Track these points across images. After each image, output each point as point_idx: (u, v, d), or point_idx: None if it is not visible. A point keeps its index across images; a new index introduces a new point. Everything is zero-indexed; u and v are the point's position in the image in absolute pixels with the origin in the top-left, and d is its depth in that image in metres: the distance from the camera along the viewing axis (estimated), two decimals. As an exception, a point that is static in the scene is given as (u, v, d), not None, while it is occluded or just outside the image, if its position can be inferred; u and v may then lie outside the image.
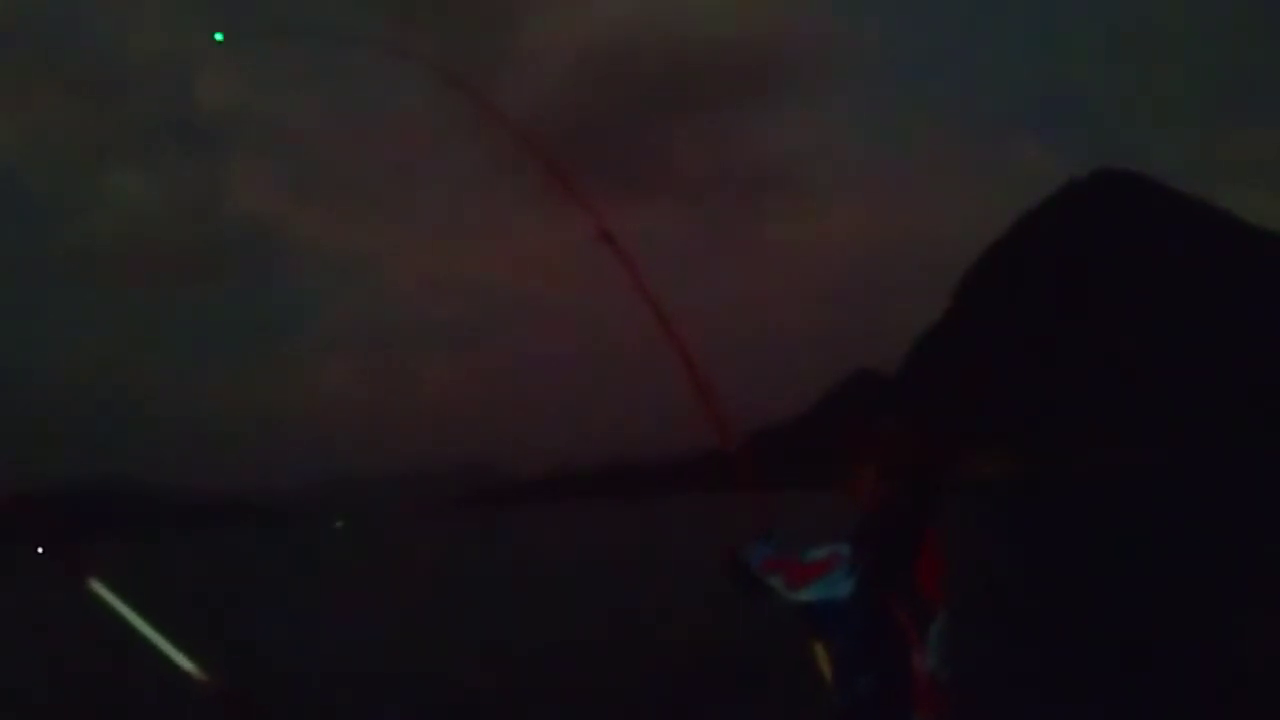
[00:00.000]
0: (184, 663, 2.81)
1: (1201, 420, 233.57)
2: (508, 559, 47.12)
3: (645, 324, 3.81)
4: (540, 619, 19.32)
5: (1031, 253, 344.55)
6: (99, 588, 2.90)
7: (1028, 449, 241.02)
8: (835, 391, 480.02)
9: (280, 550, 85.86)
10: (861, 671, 3.01)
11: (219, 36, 4.81)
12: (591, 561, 38.84)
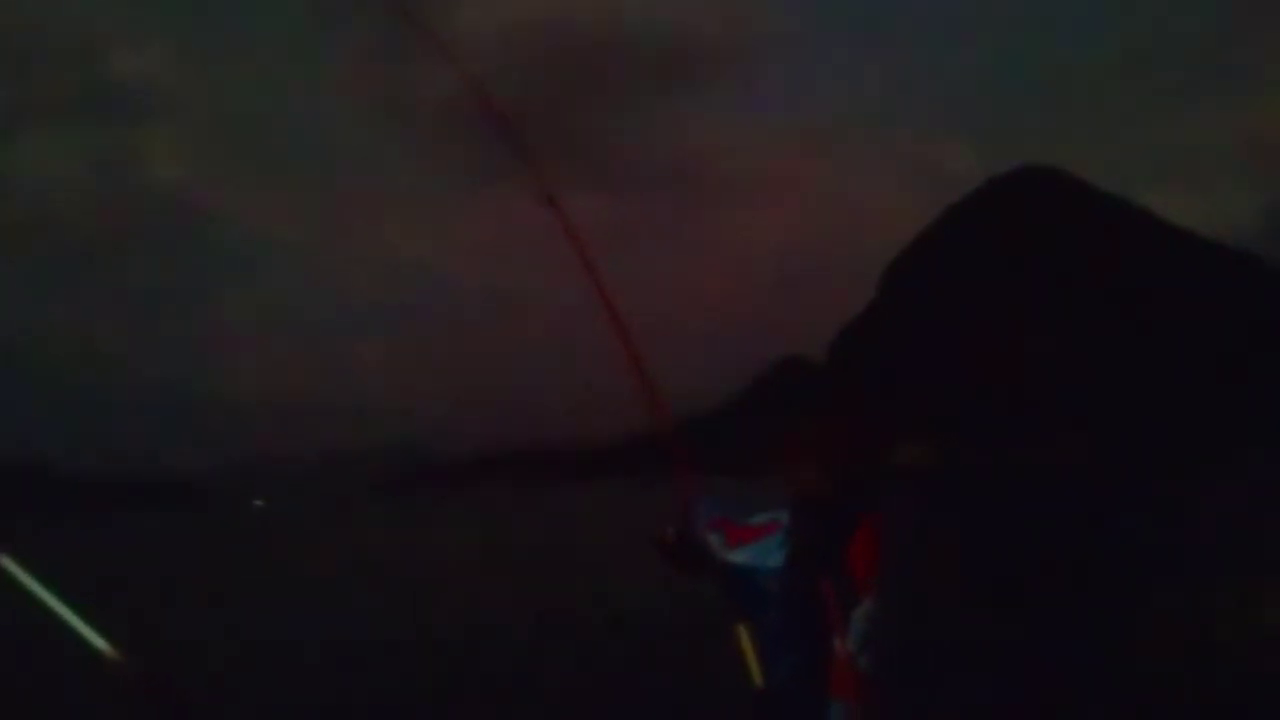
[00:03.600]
0: (98, 642, 2.74)
1: (1118, 418, 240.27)
2: (427, 542, 46.76)
3: (581, 302, 3.77)
4: (456, 605, 19.17)
5: (953, 246, 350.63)
6: (8, 562, 2.84)
7: (946, 441, 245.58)
8: (764, 378, 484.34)
9: (197, 530, 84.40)
10: (785, 651, 3.01)
11: None
12: (518, 546, 38.62)
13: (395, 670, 12.63)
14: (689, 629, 12.37)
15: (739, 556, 3.11)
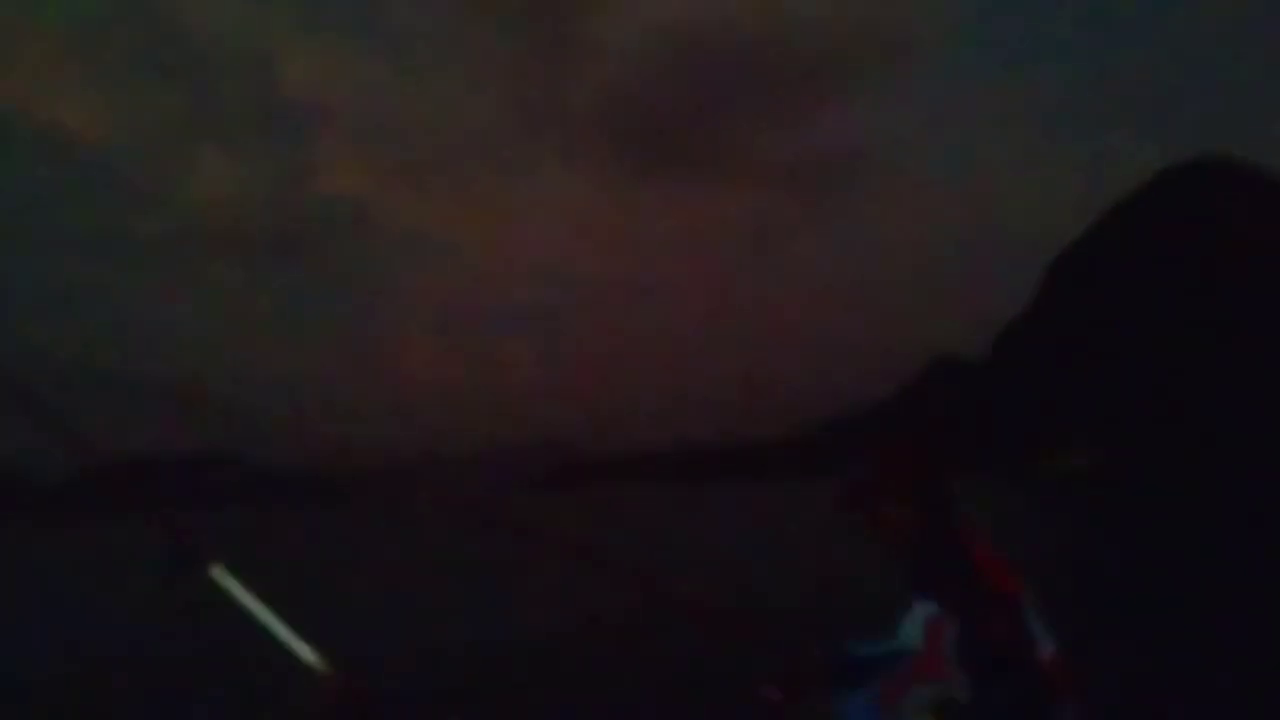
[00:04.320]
0: (307, 655, 2.65)
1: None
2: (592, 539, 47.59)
3: (721, 309, 3.44)
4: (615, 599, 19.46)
5: (1122, 243, 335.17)
6: (221, 573, 2.74)
7: (1115, 444, 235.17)
8: (916, 378, 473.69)
9: (366, 528, 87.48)
10: (991, 689, 2.79)
11: None
12: (676, 544, 38.97)
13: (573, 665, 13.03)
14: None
15: (952, 673, 2.78)
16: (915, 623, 2.80)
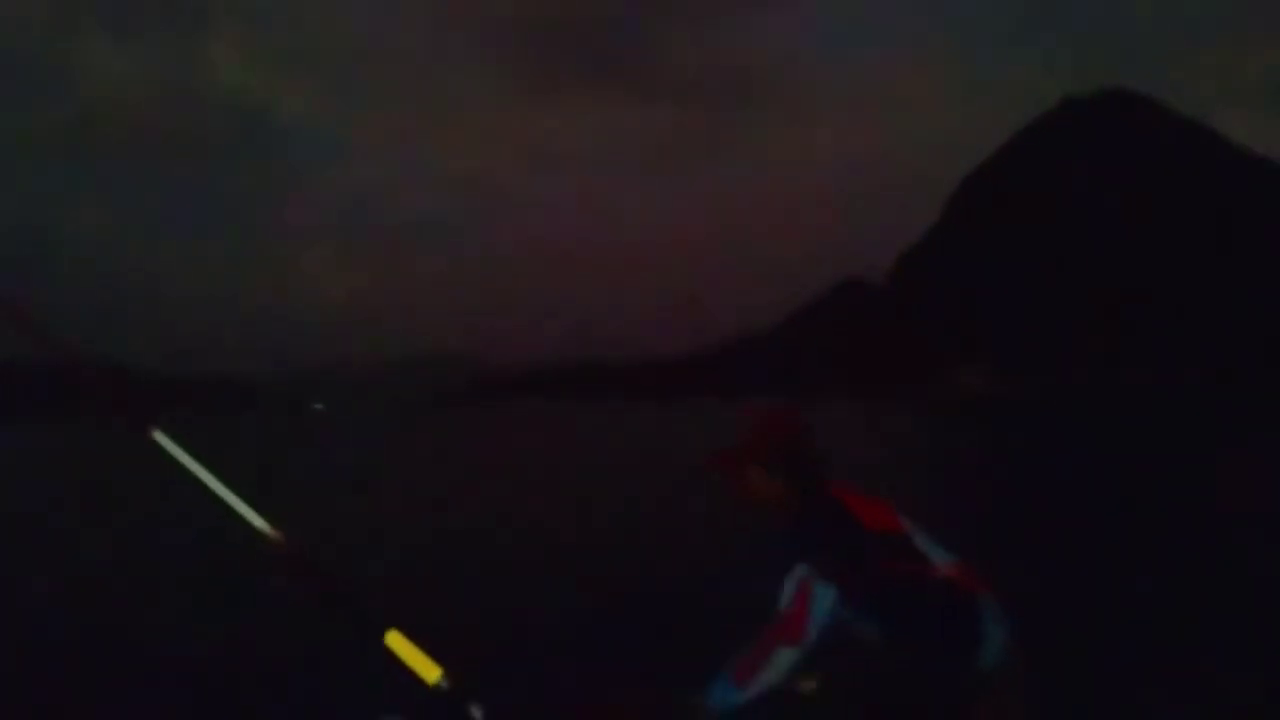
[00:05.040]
0: (255, 519, 2.61)
1: (1189, 347, 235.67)
2: (492, 453, 47.80)
3: (640, 217, 3.38)
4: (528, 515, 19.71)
5: (1025, 169, 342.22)
6: (161, 437, 2.69)
7: (1014, 366, 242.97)
8: (821, 299, 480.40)
9: (258, 431, 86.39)
10: (914, 620, 2.91)
11: None
12: (578, 460, 39.39)
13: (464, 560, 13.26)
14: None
15: (814, 633, 2.83)
16: (790, 584, 2.85)
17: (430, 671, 2.16)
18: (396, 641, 2.23)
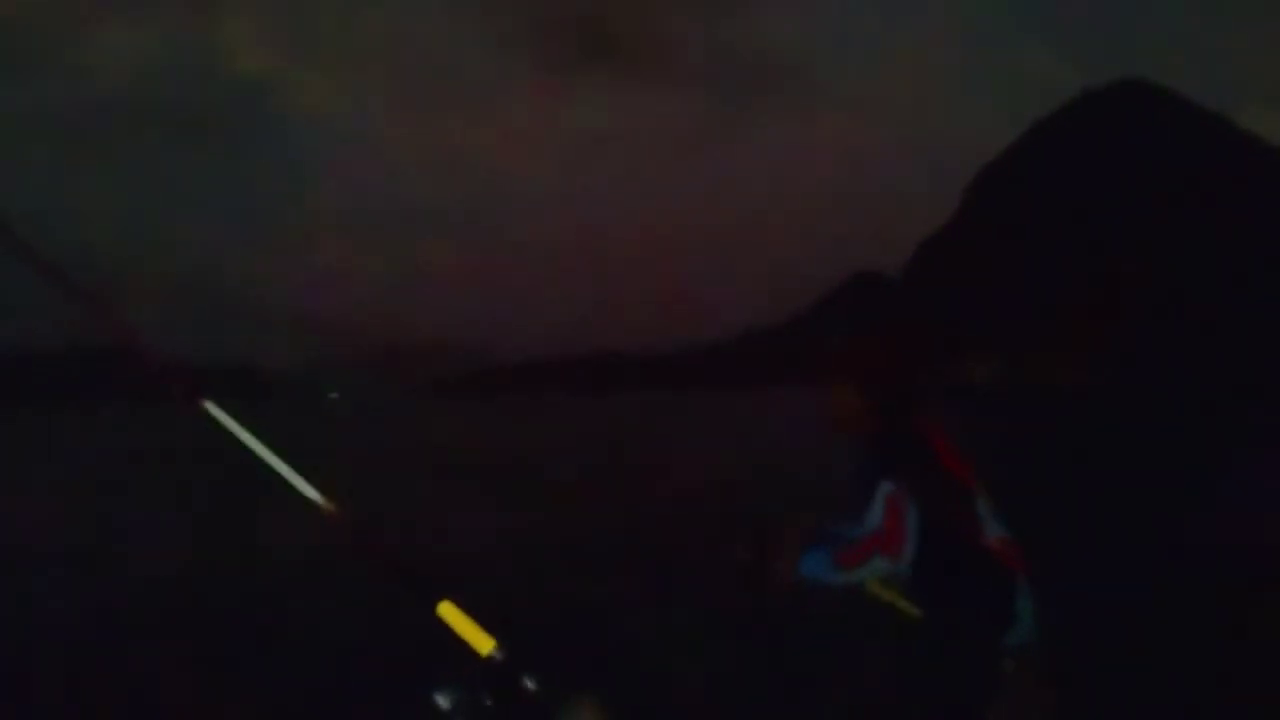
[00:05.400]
0: (309, 491, 2.73)
1: (1203, 347, 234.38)
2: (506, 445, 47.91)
3: (649, 206, 3.56)
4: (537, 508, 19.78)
5: (1044, 161, 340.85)
6: (214, 409, 2.79)
7: (1022, 358, 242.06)
8: (835, 292, 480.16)
9: (276, 419, 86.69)
10: (945, 575, 3.00)
11: None
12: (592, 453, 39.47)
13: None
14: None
15: (909, 552, 2.92)
16: (877, 501, 2.92)
17: (484, 643, 2.17)
18: (450, 613, 2.24)
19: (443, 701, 1.96)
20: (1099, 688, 6.08)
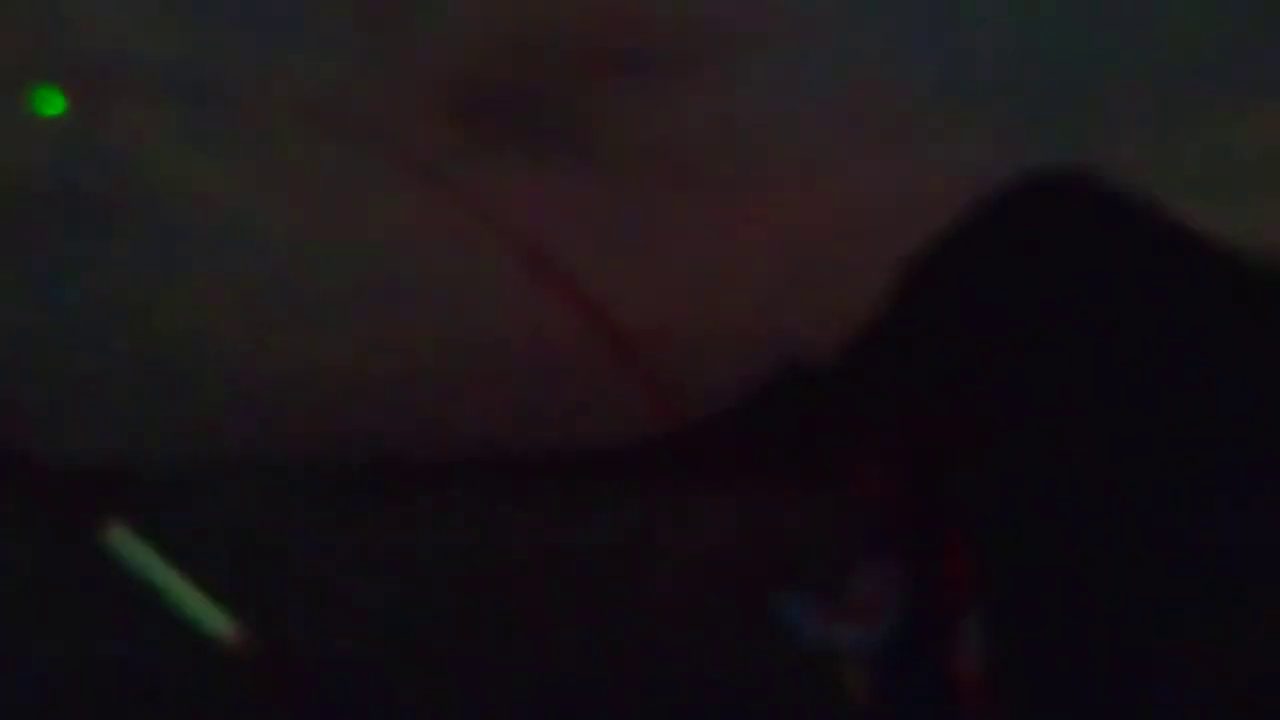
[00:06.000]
0: (215, 621, 2.59)
1: (1133, 427, 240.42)
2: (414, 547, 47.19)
3: (566, 315, 3.81)
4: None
5: (976, 248, 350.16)
6: (121, 536, 2.63)
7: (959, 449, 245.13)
8: (766, 382, 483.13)
9: (179, 522, 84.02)
10: (907, 675, 3.04)
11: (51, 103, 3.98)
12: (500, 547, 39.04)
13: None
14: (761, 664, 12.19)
15: (880, 632, 3.01)
16: (869, 573, 3.07)
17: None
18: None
19: None
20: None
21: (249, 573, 31.56)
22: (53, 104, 4.16)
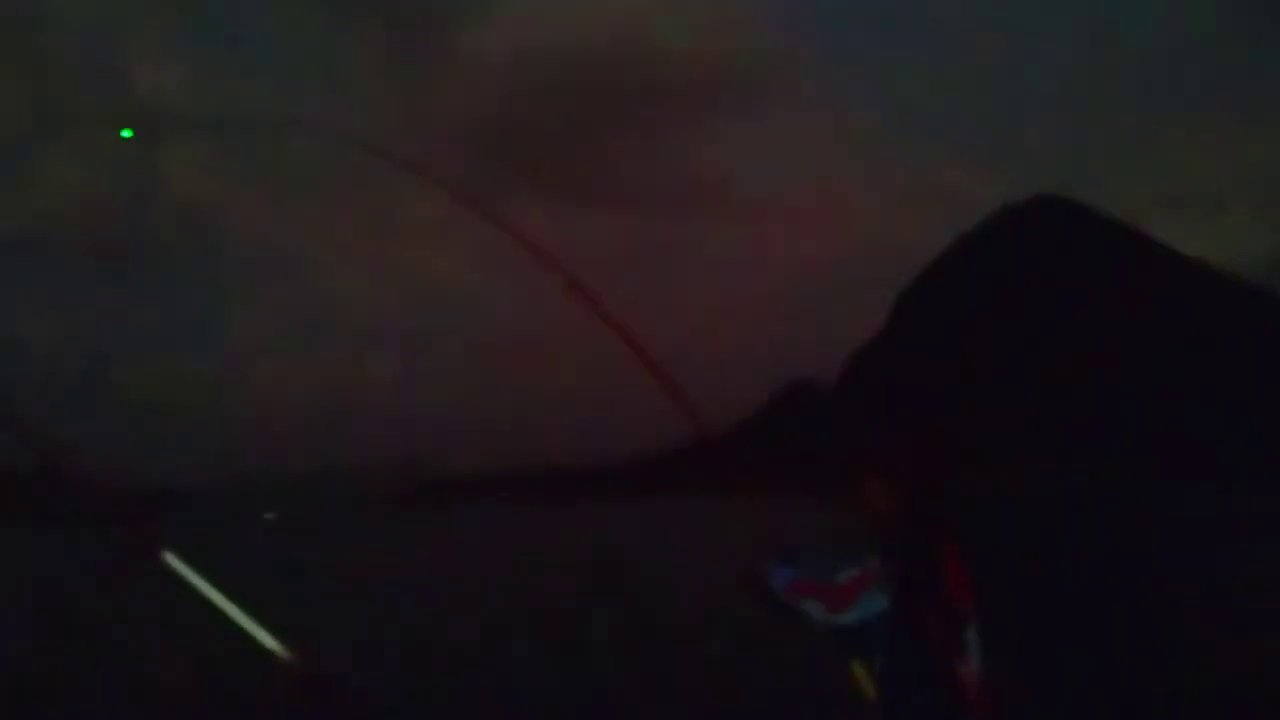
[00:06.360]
0: (267, 640, 2.64)
1: (1125, 446, 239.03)
2: (457, 558, 47.22)
3: (594, 337, 3.83)
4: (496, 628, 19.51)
5: (966, 274, 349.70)
6: (173, 559, 2.70)
7: (957, 465, 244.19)
8: (771, 403, 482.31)
9: (214, 542, 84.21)
10: (911, 686, 3.05)
11: (126, 134, 4.44)
12: (561, 565, 39.04)
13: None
14: (776, 666, 12.01)
15: (850, 617, 3.07)
16: (854, 566, 3.09)
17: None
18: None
19: None
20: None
21: (296, 589, 31.78)
22: (125, 132, 4.55)
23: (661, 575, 27.51)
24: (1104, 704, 10.02)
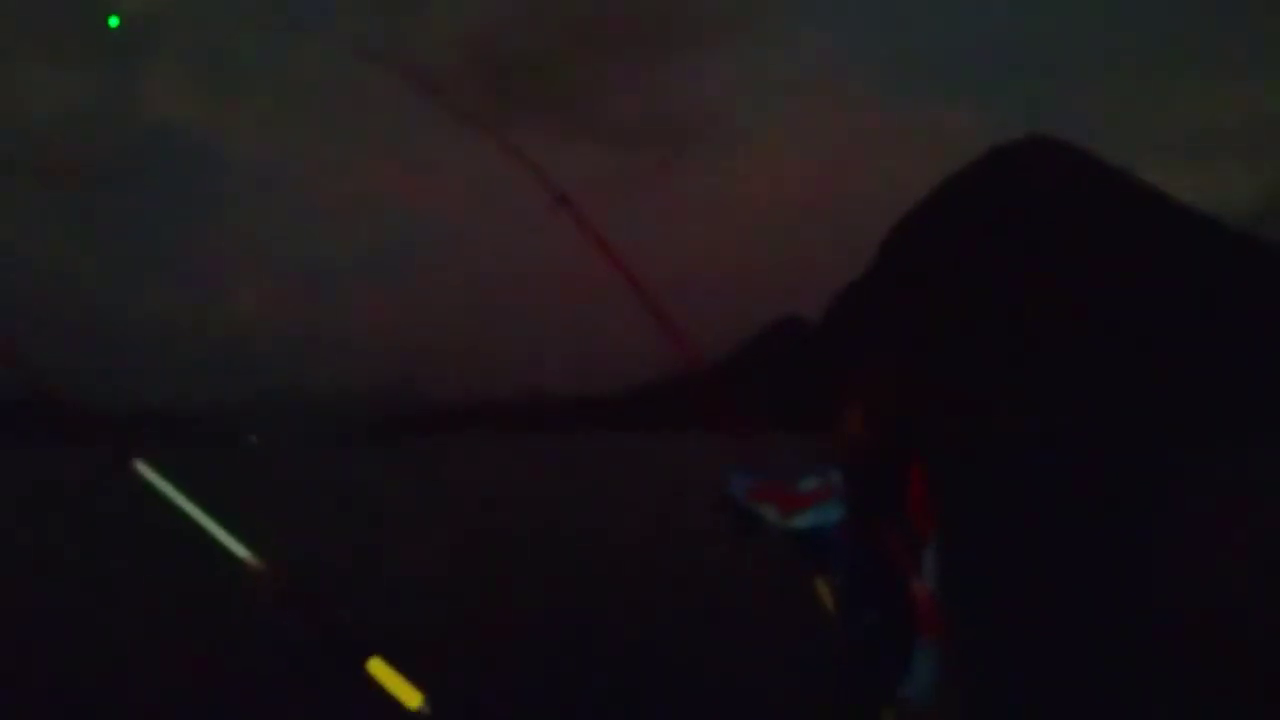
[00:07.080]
0: (240, 550, 2.62)
1: (1103, 390, 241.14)
2: (436, 487, 47.30)
3: (584, 262, 3.84)
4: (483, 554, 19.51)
5: (956, 214, 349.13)
6: (145, 469, 2.70)
7: (938, 399, 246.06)
8: (760, 336, 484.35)
9: (194, 463, 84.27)
10: (866, 603, 3.10)
11: (114, 22, 4.28)
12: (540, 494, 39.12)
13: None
14: (746, 584, 12.29)
15: (802, 522, 3.14)
16: (816, 477, 3.18)
17: (412, 698, 2.18)
18: (379, 668, 2.24)
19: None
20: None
21: (276, 510, 31.77)
22: (112, 20, 4.37)
23: (643, 506, 27.40)
24: (1057, 631, 10.10)
